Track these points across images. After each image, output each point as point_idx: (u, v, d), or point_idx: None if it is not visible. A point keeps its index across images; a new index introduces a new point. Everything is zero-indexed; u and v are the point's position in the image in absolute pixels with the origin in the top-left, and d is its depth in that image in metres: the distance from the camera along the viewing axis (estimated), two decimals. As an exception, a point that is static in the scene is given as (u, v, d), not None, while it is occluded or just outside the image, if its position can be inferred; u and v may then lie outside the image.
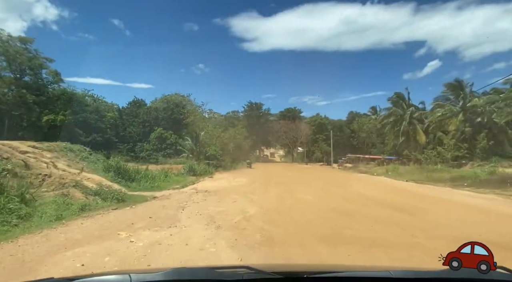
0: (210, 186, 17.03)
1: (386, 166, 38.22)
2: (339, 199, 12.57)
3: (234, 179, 21.21)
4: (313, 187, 16.63)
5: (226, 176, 24.44)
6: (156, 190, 17.08)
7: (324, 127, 73.37)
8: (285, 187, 16.64)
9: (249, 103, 68.45)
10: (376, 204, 11.24)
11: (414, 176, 28.33)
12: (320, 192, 14.59)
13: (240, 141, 50.59)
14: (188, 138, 42.49)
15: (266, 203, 10.93)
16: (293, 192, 14.47)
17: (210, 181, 20.35)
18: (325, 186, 17.70)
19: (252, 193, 13.79)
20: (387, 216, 8.70)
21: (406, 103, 47.20)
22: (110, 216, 8.40)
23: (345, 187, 17.32)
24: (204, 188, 15.69)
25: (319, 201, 11.78)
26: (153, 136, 42.72)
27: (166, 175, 21.98)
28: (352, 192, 15.34)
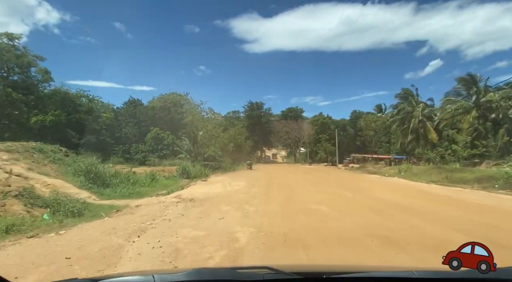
0: (200, 192, 13.61)
1: (398, 165, 34.71)
2: (365, 210, 9.09)
3: (231, 182, 17.78)
4: (325, 193, 13.15)
5: (223, 178, 21.02)
6: (135, 197, 13.74)
7: (327, 127, 69.80)
8: (291, 192, 13.20)
9: (249, 103, 65.06)
10: (420, 217, 7.78)
11: (431, 176, 24.79)
12: (336, 200, 11.11)
13: (240, 141, 47.17)
14: (185, 139, 39.07)
15: (267, 220, 7.46)
16: (301, 200, 11.02)
17: (203, 185, 16.92)
18: (339, 190, 14.19)
19: (249, 202, 10.35)
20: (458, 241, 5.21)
21: (415, 99, 43.58)
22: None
23: (363, 192, 13.83)
24: (191, 195, 12.27)
25: (340, 215, 8.29)
26: (149, 137, 39.44)
27: (153, 178, 18.62)
28: (374, 198, 11.85)
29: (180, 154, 38.28)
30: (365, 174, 31.86)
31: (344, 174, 30.93)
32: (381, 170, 33.91)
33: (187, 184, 17.96)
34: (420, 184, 21.67)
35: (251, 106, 64.88)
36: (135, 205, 11.18)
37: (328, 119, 71.31)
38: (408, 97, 43.59)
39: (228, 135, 44.99)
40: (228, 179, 20.54)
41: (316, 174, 27.72)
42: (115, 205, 11.53)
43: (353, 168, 40.32)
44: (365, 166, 39.28)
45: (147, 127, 41.97)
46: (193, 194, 12.82)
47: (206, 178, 21.51)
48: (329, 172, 33.14)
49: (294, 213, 8.52)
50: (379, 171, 33.27)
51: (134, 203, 11.63)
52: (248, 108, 64.91)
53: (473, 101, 38.82)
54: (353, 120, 73.80)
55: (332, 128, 70.22)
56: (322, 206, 9.56)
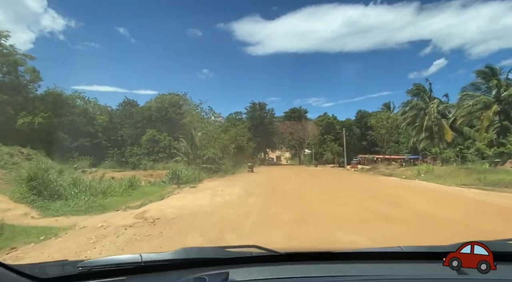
0: (177, 205, 9.76)
1: (413, 166, 30.61)
2: (431, 238, 5.15)
3: (225, 189, 13.90)
4: (349, 206, 9.13)
5: (217, 184, 17.13)
6: (94, 211, 10.01)
7: (333, 127, 65.62)
8: (300, 205, 9.23)
9: (252, 104, 61.14)
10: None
11: (460, 178, 20.65)
12: (372, 220, 7.11)
13: (242, 143, 43.32)
14: (183, 141, 35.30)
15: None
16: (318, 220, 7.09)
17: (188, 193, 13.02)
18: (365, 201, 10.16)
19: (238, 225, 6.48)
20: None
21: (428, 95, 39.32)
22: None
23: (397, 203, 9.84)
24: (161, 212, 8.44)
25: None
26: (144, 139, 35.89)
27: (131, 185, 14.86)
28: (424, 215, 7.84)
29: (178, 156, 34.60)
30: (379, 176, 27.73)
31: (356, 176, 26.82)
32: (396, 172, 29.70)
33: (173, 191, 14.14)
34: (452, 188, 17.53)
35: (253, 107, 61.02)
36: (83, 225, 7.49)
37: (333, 120, 67.18)
38: (420, 93, 39.36)
39: (229, 136, 41.20)
40: (223, 184, 16.68)
41: (325, 177, 23.69)
42: (55, 226, 7.80)
43: (363, 169, 36.15)
44: (376, 167, 35.08)
45: (143, 129, 38.50)
46: (166, 209, 8.97)
47: (198, 184, 17.66)
48: (339, 174, 29.02)
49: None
50: (394, 173, 29.07)
51: (84, 222, 7.93)
52: (251, 109, 61.05)
53: (493, 95, 34.47)
54: (359, 120, 69.56)
55: (337, 129, 66.05)
56: (356, 234, 5.62)
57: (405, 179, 24.23)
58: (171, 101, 42.74)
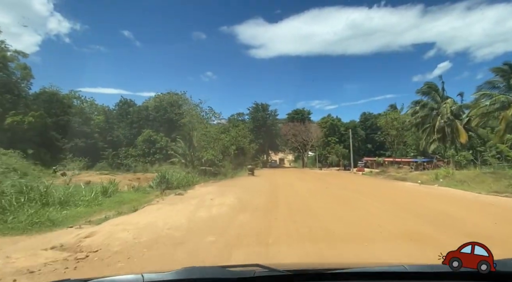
0: (144, 223, 6.92)
1: (430, 170, 27.55)
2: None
3: (216, 198, 11.03)
4: (393, 234, 6.06)
5: (210, 190, 14.27)
6: (35, 230, 7.29)
7: (337, 129, 62.57)
8: (318, 234, 6.16)
9: (254, 104, 58.30)
10: None
11: (488, 185, 17.69)
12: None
13: (243, 144, 40.46)
14: (180, 141, 32.53)
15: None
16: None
17: (168, 204, 10.13)
18: (411, 224, 7.08)
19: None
20: None
21: (440, 94, 36.18)
22: None
23: (444, 221, 6.90)
24: (110, 237, 5.59)
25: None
26: (140, 140, 33.23)
27: (105, 192, 12.07)
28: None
29: (175, 158, 31.86)
30: (393, 181, 24.65)
31: (368, 181, 23.76)
32: (409, 176, 26.58)
33: (151, 200, 11.31)
34: (487, 197, 14.51)
35: (256, 108, 58.20)
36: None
37: (337, 121, 64.15)
38: (432, 92, 36.22)
39: (230, 137, 38.39)
40: (216, 191, 13.82)
41: (335, 182, 20.69)
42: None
43: (372, 173, 33.06)
44: (385, 170, 31.95)
45: (140, 130, 35.92)
46: (121, 230, 6.12)
47: (188, 190, 14.79)
48: (348, 178, 25.96)
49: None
50: (407, 177, 25.96)
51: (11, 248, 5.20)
52: (253, 110, 58.23)
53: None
54: (363, 122, 66.44)
55: (341, 131, 62.95)
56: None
57: (422, 184, 21.20)
58: (169, 100, 40.10)
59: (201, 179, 22.06)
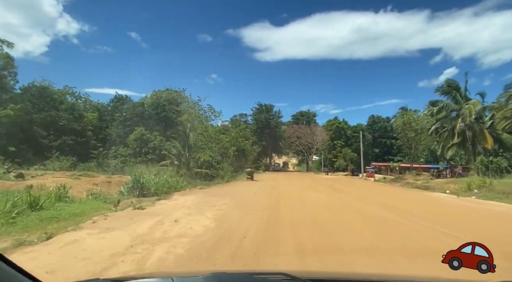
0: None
1: (450, 178, 23.30)
2: None
3: (183, 218, 7.04)
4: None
5: (188, 201, 10.24)
6: None
7: (343, 132, 58.27)
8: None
9: (258, 105, 54.33)
10: None
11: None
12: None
13: (244, 145, 36.50)
14: (175, 141, 28.64)
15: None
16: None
17: (104, 229, 6.15)
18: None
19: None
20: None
21: (462, 95, 31.80)
22: None
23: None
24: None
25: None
26: (132, 138, 29.51)
27: (34, 203, 8.19)
28: None
29: (169, 158, 28.00)
30: (415, 190, 20.40)
31: (387, 189, 19.52)
32: (432, 184, 22.25)
33: (91, 217, 7.38)
34: None
35: (259, 109, 54.26)
36: None
37: (343, 124, 59.84)
38: (453, 91, 31.84)
39: (230, 137, 34.53)
40: (197, 202, 9.85)
41: (350, 191, 16.51)
42: None
43: (385, 179, 28.75)
44: (402, 177, 27.60)
45: (134, 128, 32.28)
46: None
47: (161, 200, 10.82)
48: (362, 185, 21.73)
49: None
50: (430, 186, 21.64)
51: None
52: (257, 111, 54.30)
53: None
54: (371, 126, 62.04)
55: (348, 134, 58.63)
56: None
57: (451, 194, 16.96)
58: (168, 98, 36.47)
59: (191, 183, 18.13)
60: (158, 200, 10.55)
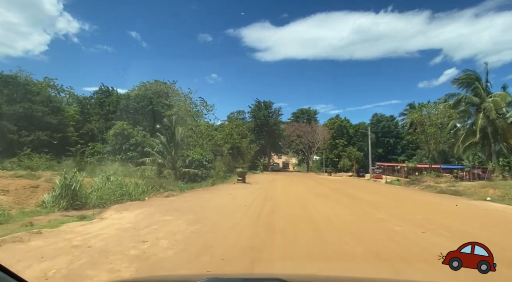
0: None
1: (488, 181, 18.81)
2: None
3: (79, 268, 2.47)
4: None
5: (113, 225, 5.72)
6: None
7: (345, 131, 53.67)
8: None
9: (256, 102, 49.78)
10: None
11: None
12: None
13: (240, 143, 31.97)
14: (161, 137, 24.02)
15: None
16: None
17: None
18: None
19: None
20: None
21: (483, 87, 27.22)
22: None
23: None
24: None
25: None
26: (111, 134, 25.02)
27: None
28: None
29: (153, 156, 23.43)
30: (443, 195, 15.77)
31: (412, 196, 14.83)
32: (461, 188, 17.65)
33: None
34: None
35: (258, 106, 49.72)
36: None
37: (345, 123, 55.23)
38: (473, 83, 27.22)
39: (224, 134, 30.03)
40: (126, 228, 5.35)
41: (374, 200, 11.85)
42: None
43: (399, 181, 24.14)
44: (419, 179, 22.96)
45: (116, 122, 27.85)
46: None
47: (97, 215, 6.35)
48: (379, 190, 17.00)
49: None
50: (460, 190, 17.06)
51: None
52: (255, 108, 49.75)
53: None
54: (375, 125, 57.36)
55: (351, 133, 54.03)
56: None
57: (500, 203, 12.43)
58: (156, 90, 32.01)
59: (164, 187, 13.59)
60: (93, 215, 6.01)
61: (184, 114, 29.89)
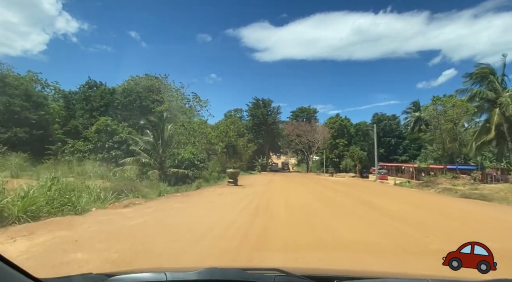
0: None
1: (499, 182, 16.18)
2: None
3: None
4: None
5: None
6: None
7: (346, 131, 50.96)
8: None
9: (255, 99, 47.00)
10: None
11: None
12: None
13: (236, 141, 29.19)
14: (149, 134, 21.14)
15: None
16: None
17: None
18: None
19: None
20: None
21: (499, 81, 24.54)
22: None
23: None
24: None
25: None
26: (93, 130, 22.24)
27: None
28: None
29: (138, 154, 20.61)
30: (471, 200, 13.00)
31: (439, 200, 12.01)
32: (486, 192, 14.97)
33: None
34: None
35: (256, 104, 46.97)
36: None
37: (346, 122, 52.52)
38: (487, 77, 24.54)
39: (218, 132, 27.26)
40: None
41: (396, 209, 9.10)
42: None
43: (410, 183, 21.42)
44: (433, 181, 20.25)
45: (100, 118, 25.05)
46: None
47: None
48: (394, 194, 14.19)
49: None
50: (487, 194, 14.34)
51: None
52: (253, 106, 46.99)
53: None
54: (376, 124, 54.68)
55: (351, 132, 51.34)
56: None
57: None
58: (147, 85, 29.24)
59: (140, 190, 10.76)
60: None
61: (175, 110, 27.15)
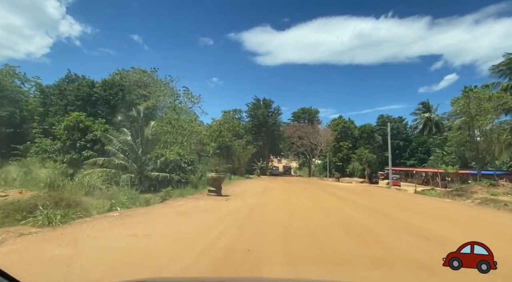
0: None
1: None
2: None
3: None
4: None
5: None
6: None
7: (350, 133, 47.03)
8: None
9: (255, 99, 43.24)
10: None
11: None
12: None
13: (230, 141, 25.32)
14: (127, 131, 17.21)
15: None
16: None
17: None
18: None
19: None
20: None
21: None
22: None
23: None
24: None
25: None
26: (62, 127, 18.57)
27: None
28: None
29: (114, 155, 16.70)
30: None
31: (492, 219, 8.08)
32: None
33: None
34: None
35: (256, 104, 43.22)
36: None
37: (350, 124, 48.60)
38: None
39: (210, 131, 23.46)
40: None
41: (461, 241, 5.14)
42: None
43: (435, 191, 17.41)
44: (465, 189, 16.26)
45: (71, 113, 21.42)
46: None
47: None
48: (437, 211, 10.11)
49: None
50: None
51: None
52: (253, 106, 43.24)
53: None
54: (382, 126, 50.79)
55: (356, 134, 47.36)
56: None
57: None
58: (134, 79, 25.60)
59: (90, 202, 6.85)
60: None
61: (164, 106, 23.45)
